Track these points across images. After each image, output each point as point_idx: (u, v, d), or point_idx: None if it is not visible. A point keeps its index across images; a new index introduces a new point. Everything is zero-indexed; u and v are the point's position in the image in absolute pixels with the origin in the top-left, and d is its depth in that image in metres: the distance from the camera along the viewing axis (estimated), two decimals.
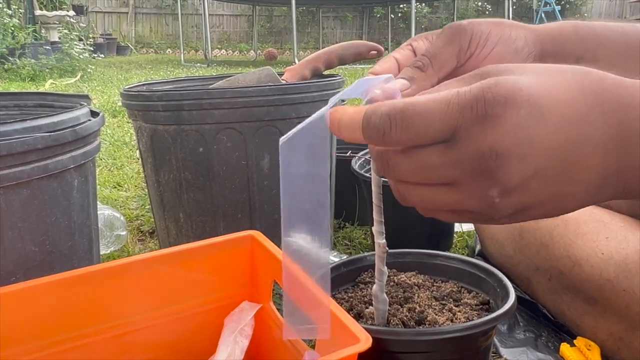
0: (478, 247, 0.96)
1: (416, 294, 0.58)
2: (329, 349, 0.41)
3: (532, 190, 0.32)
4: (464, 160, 0.32)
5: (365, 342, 0.40)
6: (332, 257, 0.82)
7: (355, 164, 1.13)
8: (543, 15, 8.06)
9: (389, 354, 0.47)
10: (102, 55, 7.60)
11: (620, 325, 0.64)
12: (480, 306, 0.57)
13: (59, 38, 5.72)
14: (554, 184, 0.32)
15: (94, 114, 0.70)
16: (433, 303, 0.57)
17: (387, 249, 0.47)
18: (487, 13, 12.06)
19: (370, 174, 0.62)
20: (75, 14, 6.84)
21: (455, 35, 0.43)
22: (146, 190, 1.23)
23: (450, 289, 0.60)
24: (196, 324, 0.59)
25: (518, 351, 0.70)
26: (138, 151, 1.03)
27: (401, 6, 10.96)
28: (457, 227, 1.12)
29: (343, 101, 0.39)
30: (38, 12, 6.37)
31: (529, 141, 0.31)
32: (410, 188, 0.35)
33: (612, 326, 0.65)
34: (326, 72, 1.21)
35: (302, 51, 9.67)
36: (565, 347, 0.68)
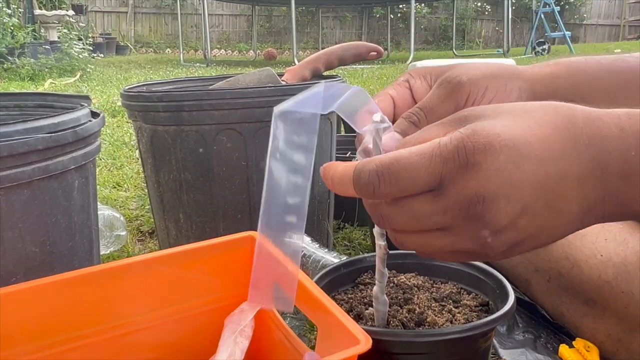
0: None
1: (416, 295, 0.58)
2: (329, 350, 0.41)
3: (523, 227, 0.34)
4: (453, 206, 0.34)
5: (365, 344, 0.40)
6: (332, 258, 0.82)
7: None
8: (542, 15, 8.06)
9: (389, 355, 0.47)
10: (102, 54, 7.60)
11: (619, 326, 0.64)
12: (479, 307, 0.57)
13: (58, 37, 5.72)
14: (542, 219, 0.34)
15: (95, 115, 0.70)
16: (433, 304, 0.57)
17: (388, 251, 0.48)
18: (487, 13, 12.08)
19: None
20: (74, 14, 6.84)
21: (453, 92, 0.45)
22: (146, 190, 1.23)
23: (449, 290, 0.60)
24: (196, 325, 0.59)
25: (517, 352, 0.71)
26: (138, 151, 1.03)
27: (400, 6, 10.97)
28: None
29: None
30: (37, 12, 6.37)
31: (512, 183, 0.33)
32: (406, 236, 0.37)
33: (611, 328, 0.65)
34: (326, 73, 1.21)
35: (302, 51, 9.68)
36: (564, 349, 0.68)
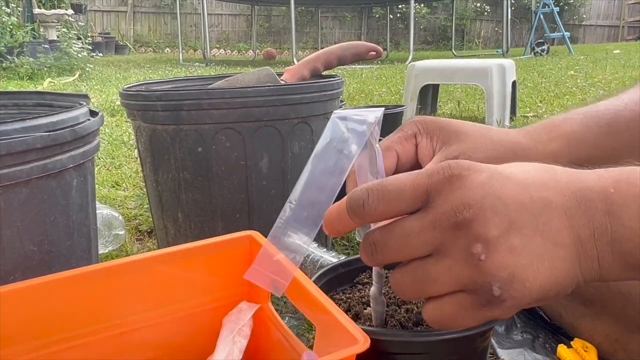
0: None
1: None
2: (327, 350, 0.41)
3: (517, 249, 0.34)
4: (441, 218, 0.34)
5: (363, 343, 0.40)
6: (330, 258, 0.82)
7: None
8: (541, 16, 8.06)
9: (387, 355, 0.47)
10: (101, 54, 7.61)
11: (616, 327, 0.64)
12: None
13: (58, 37, 5.71)
14: (536, 245, 0.34)
15: (93, 114, 0.70)
16: None
17: None
18: (486, 14, 12.08)
19: None
20: (73, 13, 6.84)
21: None
22: (145, 189, 1.23)
23: None
24: (194, 324, 0.59)
25: (515, 352, 0.71)
26: (137, 151, 1.03)
27: (400, 7, 10.97)
28: None
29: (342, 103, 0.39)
30: (37, 11, 6.37)
31: (496, 196, 0.34)
32: (403, 272, 0.37)
33: (609, 328, 0.65)
34: (325, 73, 1.21)
35: (301, 51, 9.68)
36: (562, 349, 0.68)
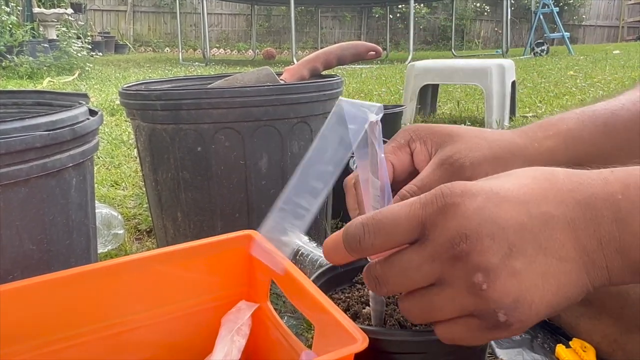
0: None
1: None
2: (326, 349, 0.41)
3: (520, 272, 0.32)
4: (439, 250, 0.33)
5: (361, 343, 0.40)
6: None
7: (353, 165, 1.13)
8: (541, 16, 8.07)
9: (386, 355, 0.47)
10: (100, 53, 7.60)
11: (614, 327, 0.64)
12: None
13: (57, 36, 5.71)
14: (540, 264, 0.33)
15: (93, 113, 0.70)
16: None
17: None
18: (486, 14, 12.08)
19: None
20: (73, 12, 6.83)
21: (454, 175, 0.44)
22: (144, 189, 1.23)
23: None
24: (193, 323, 0.59)
25: (514, 352, 0.71)
26: (136, 150, 1.03)
27: (400, 6, 10.97)
28: None
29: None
30: (36, 10, 6.36)
31: (493, 221, 0.32)
32: (409, 300, 0.36)
33: (607, 329, 0.65)
34: (325, 73, 1.21)
35: (301, 51, 9.68)
36: (560, 349, 0.68)
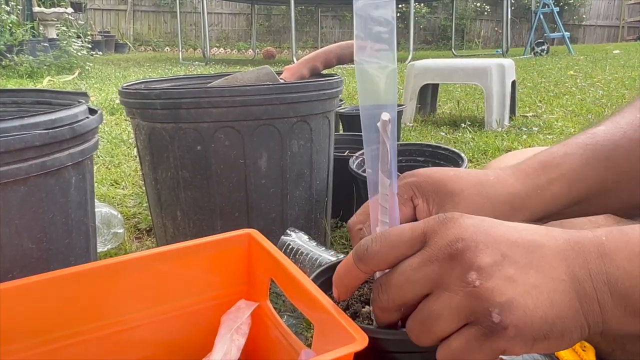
0: None
1: None
2: (325, 348, 0.41)
3: (513, 277, 0.35)
4: (437, 252, 0.37)
5: (361, 342, 0.40)
6: (329, 257, 0.82)
7: (352, 164, 1.13)
8: (541, 16, 8.06)
9: (385, 354, 0.47)
10: (100, 52, 7.60)
11: None
12: None
13: (57, 35, 5.71)
14: (532, 276, 0.35)
15: (92, 112, 0.70)
16: None
17: None
18: (486, 14, 12.08)
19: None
20: (73, 11, 6.83)
21: None
22: (144, 188, 1.23)
23: None
24: (193, 322, 0.59)
25: None
26: (136, 149, 1.03)
27: (400, 6, 10.95)
28: None
29: (342, 99, 0.39)
30: (36, 9, 6.36)
31: (488, 234, 0.37)
32: (411, 318, 0.38)
33: None
34: (325, 72, 1.21)
35: (301, 50, 9.68)
36: None
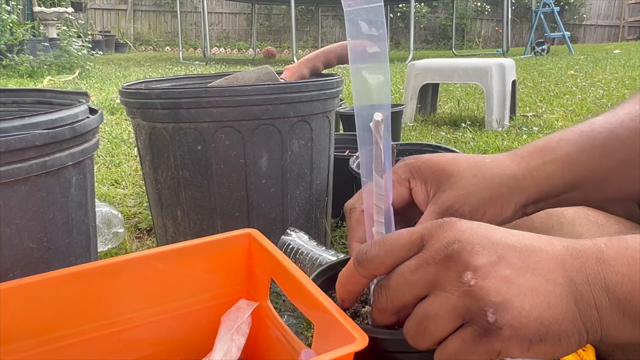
0: None
1: None
2: (326, 348, 0.41)
3: (508, 277, 0.35)
4: (434, 254, 0.38)
5: (361, 341, 0.40)
6: (329, 256, 0.82)
7: (353, 163, 1.13)
8: (542, 16, 8.06)
9: (385, 353, 0.47)
10: (101, 52, 7.60)
11: None
12: None
13: (58, 35, 5.71)
14: (528, 279, 0.35)
15: (93, 111, 0.70)
16: None
17: None
18: (486, 13, 12.07)
19: None
20: (73, 11, 6.83)
21: None
22: (144, 187, 1.23)
23: None
24: (193, 322, 0.59)
25: None
26: (136, 149, 1.03)
27: (400, 5, 10.96)
28: None
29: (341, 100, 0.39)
30: (36, 9, 6.36)
31: (484, 236, 0.37)
32: (409, 319, 0.39)
33: None
34: (325, 72, 1.21)
35: (301, 50, 9.68)
36: None
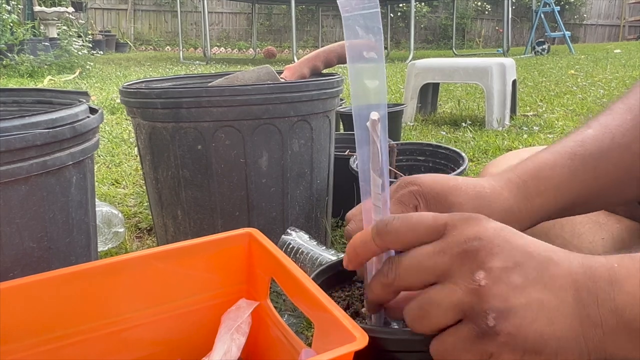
0: None
1: None
2: (326, 347, 0.41)
3: (518, 286, 0.36)
4: (452, 245, 0.38)
5: (361, 341, 0.40)
6: (330, 256, 0.82)
7: (353, 163, 1.13)
8: (542, 15, 8.06)
9: (386, 353, 0.47)
10: (101, 52, 7.61)
11: None
12: None
13: (58, 34, 5.71)
14: (537, 290, 0.36)
15: (93, 111, 0.70)
16: None
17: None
18: (487, 13, 12.07)
19: None
20: (74, 11, 6.84)
21: None
22: (144, 187, 1.23)
23: None
24: (193, 321, 0.59)
25: None
26: (136, 148, 1.03)
27: (400, 5, 10.96)
28: None
29: (342, 99, 0.39)
30: (37, 8, 6.37)
31: (506, 240, 0.37)
32: (412, 301, 0.39)
33: None
34: (325, 71, 1.21)
35: (301, 49, 9.68)
36: None
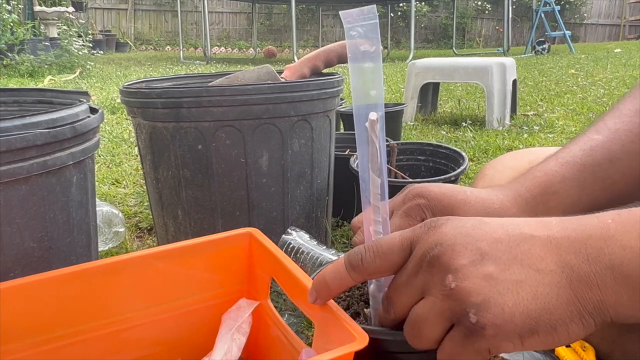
0: None
1: None
2: (326, 347, 0.41)
3: (491, 275, 0.35)
4: (419, 262, 0.38)
5: (361, 341, 0.40)
6: (330, 256, 0.82)
7: (353, 162, 1.13)
8: (542, 15, 8.05)
9: (386, 354, 0.47)
10: (101, 51, 7.61)
11: (612, 329, 0.64)
12: None
13: (58, 34, 5.71)
14: (515, 272, 0.35)
15: (93, 111, 0.70)
16: None
17: None
18: (487, 12, 12.06)
19: None
20: (74, 10, 6.83)
21: None
22: (145, 187, 1.23)
23: None
24: (194, 321, 0.59)
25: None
26: (137, 148, 1.03)
27: (401, 5, 10.95)
28: None
29: (342, 99, 0.39)
30: (37, 8, 6.36)
31: (468, 235, 0.37)
32: (405, 323, 0.39)
33: (605, 330, 0.65)
34: (325, 71, 1.21)
35: (302, 49, 9.68)
36: (560, 348, 0.68)
